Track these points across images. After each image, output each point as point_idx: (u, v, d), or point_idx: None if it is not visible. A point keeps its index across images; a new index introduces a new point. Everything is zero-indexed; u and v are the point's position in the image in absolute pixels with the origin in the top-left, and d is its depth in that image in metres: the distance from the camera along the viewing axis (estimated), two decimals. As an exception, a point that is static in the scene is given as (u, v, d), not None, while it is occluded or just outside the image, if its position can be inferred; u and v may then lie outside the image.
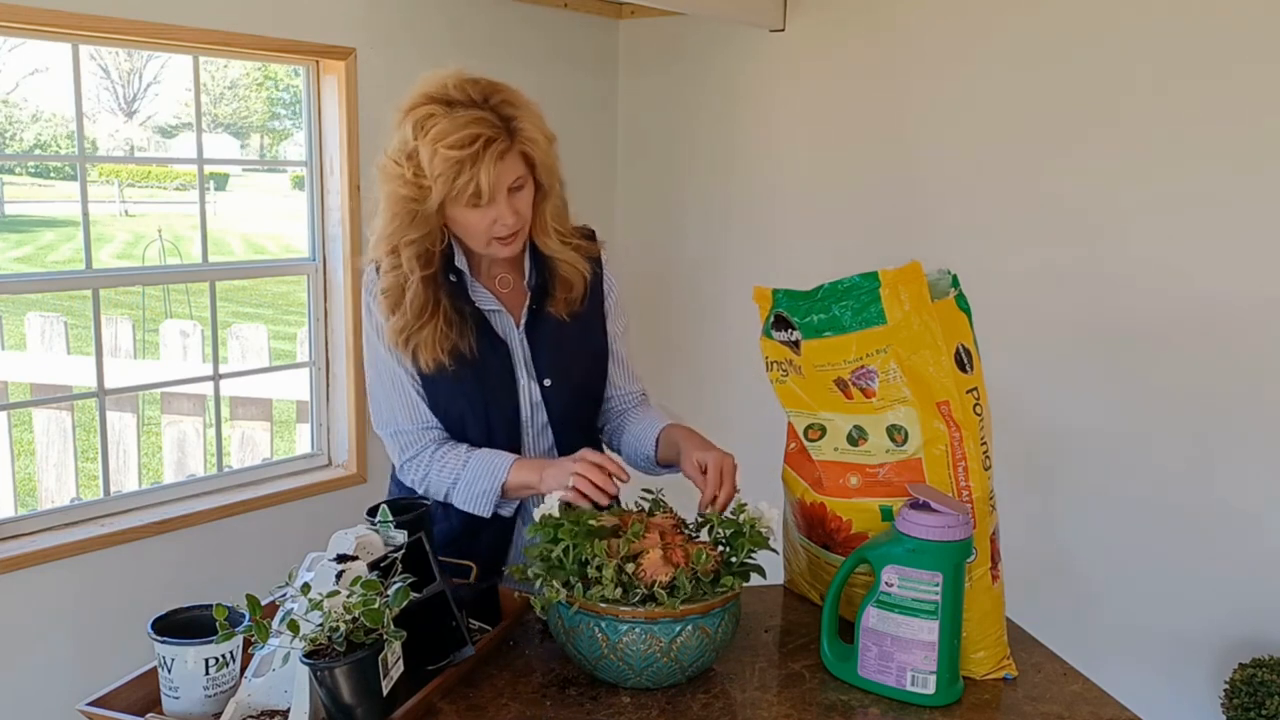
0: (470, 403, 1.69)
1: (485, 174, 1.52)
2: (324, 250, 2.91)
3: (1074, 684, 1.47)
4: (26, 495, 5.55)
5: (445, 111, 1.54)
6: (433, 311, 1.63)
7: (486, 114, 1.55)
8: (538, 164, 1.61)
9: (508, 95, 1.59)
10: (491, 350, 1.68)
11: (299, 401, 4.78)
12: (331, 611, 1.25)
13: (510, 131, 1.56)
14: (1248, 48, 2.55)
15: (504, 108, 1.57)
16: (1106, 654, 2.58)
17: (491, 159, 1.53)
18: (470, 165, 1.52)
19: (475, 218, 1.58)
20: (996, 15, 2.90)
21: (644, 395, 1.89)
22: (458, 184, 1.53)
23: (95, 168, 12.30)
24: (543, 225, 1.67)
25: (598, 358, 1.80)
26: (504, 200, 1.57)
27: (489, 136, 1.53)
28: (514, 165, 1.57)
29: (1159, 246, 2.71)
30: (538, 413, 1.73)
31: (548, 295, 1.71)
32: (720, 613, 1.41)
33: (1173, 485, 2.74)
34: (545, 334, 1.71)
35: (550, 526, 1.44)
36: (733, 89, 3.43)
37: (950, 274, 1.55)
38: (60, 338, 5.30)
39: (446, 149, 1.52)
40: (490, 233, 1.60)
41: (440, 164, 1.52)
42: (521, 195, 1.60)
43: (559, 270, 1.70)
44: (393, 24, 2.91)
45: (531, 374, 1.71)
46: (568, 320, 1.72)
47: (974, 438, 1.47)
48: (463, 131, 1.52)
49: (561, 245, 1.70)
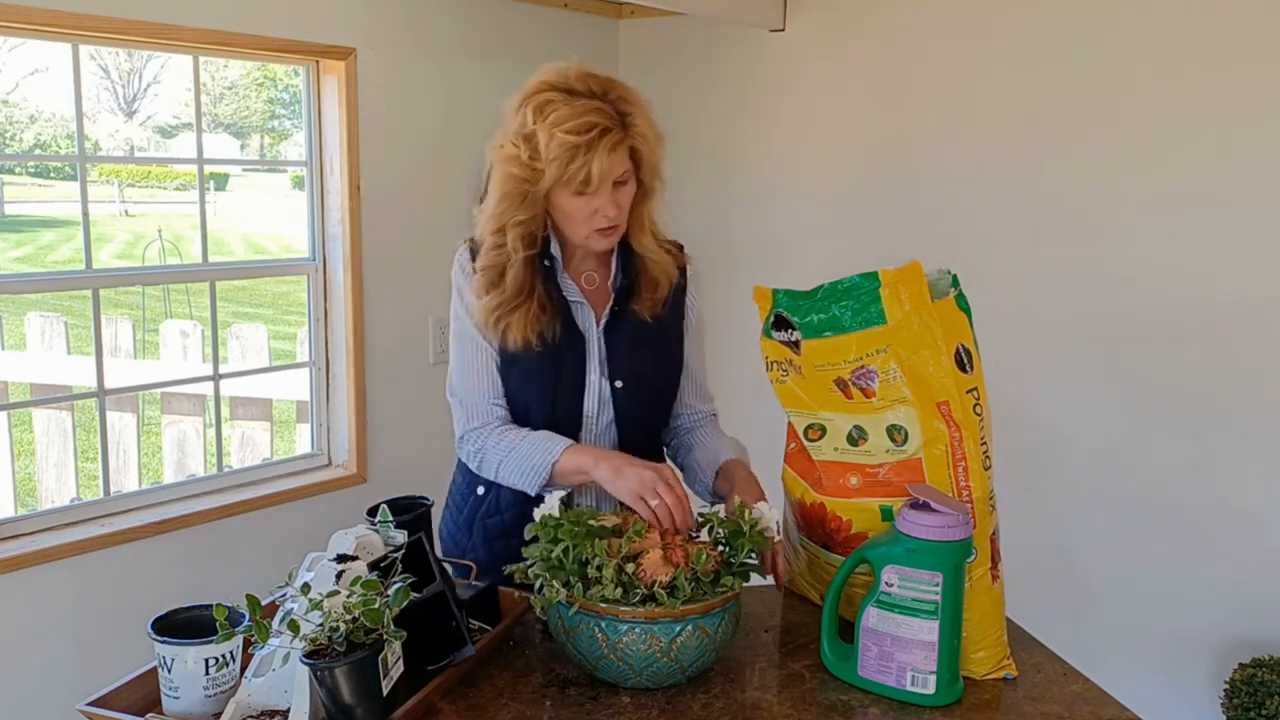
0: (539, 391, 1.72)
1: (598, 162, 1.58)
2: (324, 250, 2.91)
3: (1074, 684, 1.47)
4: (26, 495, 5.55)
5: (565, 99, 1.60)
6: (529, 293, 1.69)
7: (604, 105, 1.60)
8: (644, 162, 1.66)
9: (624, 92, 1.64)
10: (569, 342, 1.72)
11: (299, 401, 4.78)
12: (331, 611, 1.25)
13: (624, 125, 1.61)
14: (1248, 47, 2.55)
15: (620, 103, 1.62)
16: (1106, 654, 2.58)
17: (605, 149, 1.58)
18: (585, 152, 1.57)
19: (579, 205, 1.63)
20: (996, 15, 2.90)
21: (714, 415, 1.91)
22: (570, 169, 1.58)
23: (95, 168, 12.29)
24: (640, 224, 1.73)
25: (672, 367, 1.83)
26: (608, 192, 1.62)
27: (605, 126, 1.58)
28: (622, 159, 1.62)
29: (1159, 246, 2.71)
30: (604, 410, 1.75)
31: (633, 295, 1.74)
32: (720, 613, 1.41)
33: (1173, 485, 2.74)
34: (624, 335, 1.74)
35: (550, 527, 1.44)
36: (733, 89, 3.43)
37: (950, 274, 1.55)
38: (60, 338, 5.30)
39: (564, 133, 1.57)
40: (591, 223, 1.65)
41: (556, 148, 1.58)
42: (624, 190, 1.65)
43: (648, 269, 1.75)
44: (393, 24, 2.91)
45: (604, 372, 1.74)
46: (649, 322, 1.75)
47: (974, 438, 1.47)
48: (581, 119, 1.57)
49: (655, 246, 1.75)
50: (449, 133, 3.10)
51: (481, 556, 1.78)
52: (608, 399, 1.74)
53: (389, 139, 2.93)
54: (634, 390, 1.75)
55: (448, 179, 3.12)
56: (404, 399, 3.05)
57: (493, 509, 1.79)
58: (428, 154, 3.05)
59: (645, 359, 1.76)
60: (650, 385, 1.78)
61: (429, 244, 3.09)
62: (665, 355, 1.81)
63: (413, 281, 3.05)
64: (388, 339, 3.00)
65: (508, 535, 1.76)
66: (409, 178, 3.01)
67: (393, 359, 3.02)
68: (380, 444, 3.01)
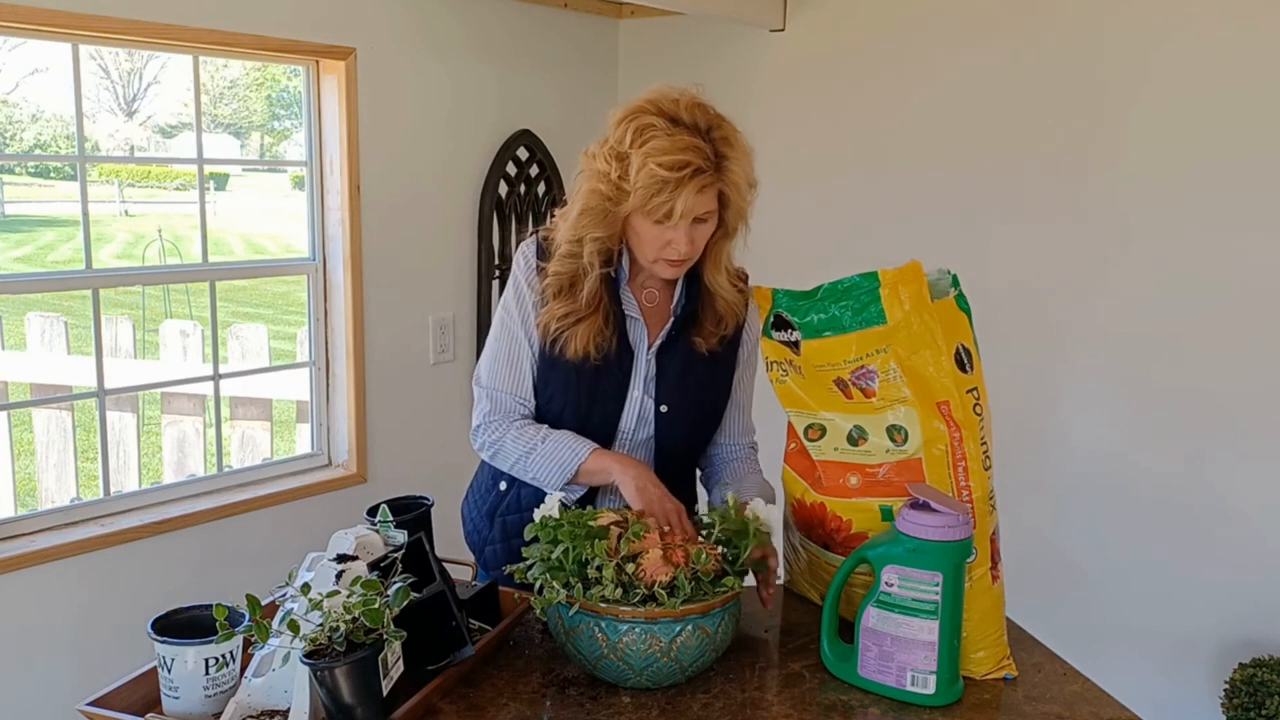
0: (577, 399, 1.72)
1: (682, 200, 1.56)
2: (324, 250, 2.91)
3: (1074, 684, 1.47)
4: (26, 495, 5.55)
5: (667, 128, 1.57)
6: (598, 307, 1.68)
7: (704, 144, 1.58)
8: (730, 205, 1.65)
9: (728, 133, 1.62)
10: (617, 356, 1.71)
11: (299, 401, 4.78)
12: (331, 611, 1.25)
13: (719, 169, 1.60)
14: (1249, 46, 2.55)
15: (721, 144, 1.60)
16: (1106, 654, 2.58)
17: (693, 189, 1.56)
18: (673, 188, 1.55)
19: (655, 233, 1.62)
20: (996, 15, 2.90)
21: (753, 449, 1.89)
22: (654, 201, 1.56)
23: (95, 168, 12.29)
24: (716, 263, 1.71)
25: (720, 398, 1.81)
26: (686, 227, 1.60)
27: (698, 166, 1.56)
28: (709, 199, 1.61)
29: (1159, 246, 2.71)
30: (641, 428, 1.74)
31: (694, 324, 1.73)
32: (720, 613, 1.41)
33: (1173, 485, 2.74)
34: (677, 360, 1.73)
35: (550, 528, 1.44)
36: (733, 89, 3.42)
37: (950, 274, 1.55)
38: (60, 338, 5.29)
39: (656, 165, 1.55)
40: (661, 253, 1.64)
41: (645, 177, 1.56)
42: (703, 228, 1.64)
43: (715, 305, 1.73)
44: (393, 24, 2.91)
45: (650, 393, 1.73)
46: (704, 355, 1.73)
47: (974, 438, 1.47)
48: (677, 155, 1.55)
49: (727, 284, 1.74)
50: (449, 132, 3.10)
51: (500, 550, 1.80)
52: (649, 418, 1.74)
53: (389, 139, 2.93)
54: (678, 416, 1.74)
55: (448, 179, 3.12)
56: (404, 399, 3.05)
57: (513, 506, 1.79)
58: (428, 154, 3.05)
59: (694, 387, 1.75)
60: (695, 414, 1.77)
61: (429, 244, 3.09)
62: (715, 386, 1.79)
63: (413, 281, 3.05)
64: (388, 339, 3.00)
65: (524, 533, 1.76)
66: (409, 178, 3.01)
67: (393, 359, 3.02)
68: (380, 444, 3.01)
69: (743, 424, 1.86)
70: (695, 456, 1.86)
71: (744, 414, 1.86)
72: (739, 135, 1.64)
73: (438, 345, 3.14)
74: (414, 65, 2.98)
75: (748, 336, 1.80)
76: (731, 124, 1.64)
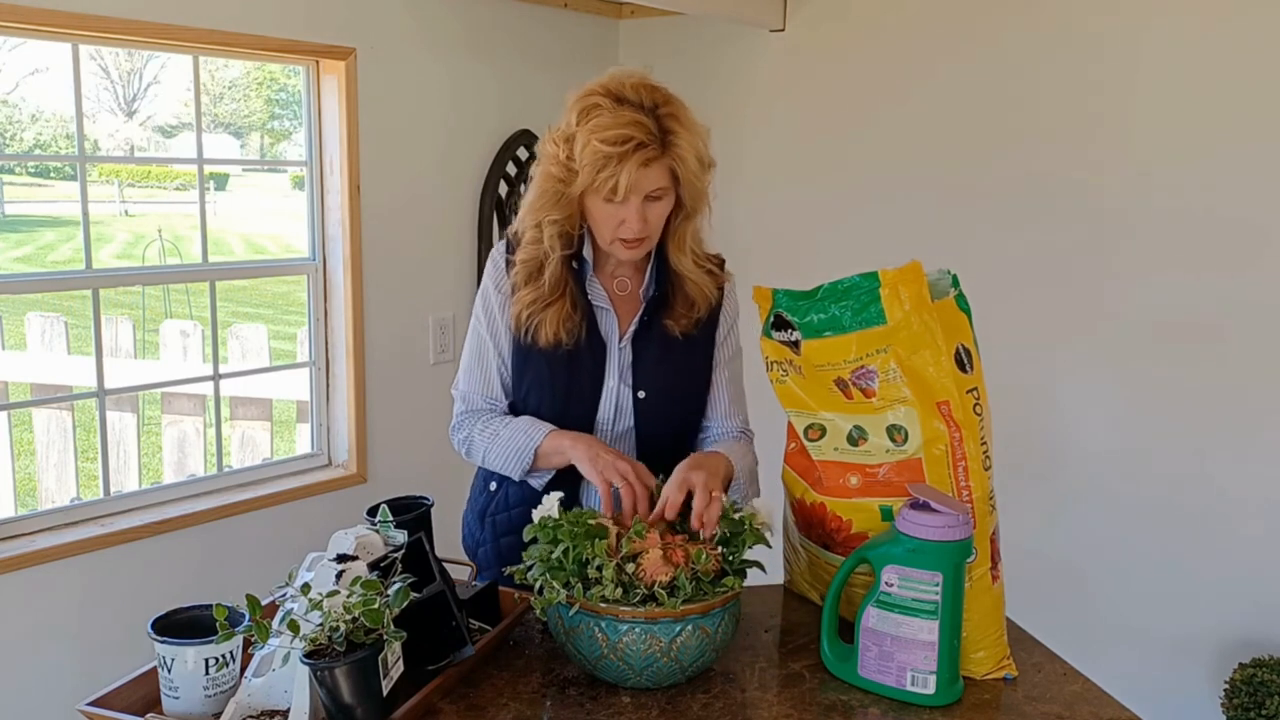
0: (552, 393, 1.73)
1: (625, 175, 1.57)
2: (324, 250, 2.91)
3: (1074, 684, 1.47)
4: (26, 495, 5.55)
5: (612, 107, 1.59)
6: (564, 291, 1.70)
7: (647, 120, 1.58)
8: (684, 184, 1.64)
9: (676, 110, 1.62)
10: (589, 347, 1.72)
11: (299, 401, 4.78)
12: (331, 611, 1.25)
13: (664, 144, 1.60)
14: (1250, 45, 2.55)
15: (668, 120, 1.60)
16: (1106, 654, 2.58)
17: (636, 162, 1.57)
18: (616, 163, 1.57)
19: (608, 212, 1.63)
20: (996, 14, 2.90)
21: (743, 434, 1.87)
22: (599, 177, 1.58)
23: (95, 168, 12.29)
24: (679, 243, 1.72)
25: (699, 383, 1.81)
26: (637, 205, 1.61)
27: (640, 141, 1.57)
28: (657, 175, 1.61)
29: (1160, 245, 2.71)
30: (621, 418, 1.75)
31: (666, 308, 1.73)
32: (720, 613, 1.41)
33: (1173, 485, 2.74)
34: (653, 346, 1.74)
35: (549, 528, 1.44)
36: (733, 89, 3.43)
37: (950, 274, 1.55)
38: (60, 338, 5.29)
39: (599, 141, 1.57)
40: (616, 233, 1.65)
41: (589, 154, 1.58)
42: (657, 206, 1.64)
43: (684, 287, 1.74)
44: (393, 24, 2.91)
45: (627, 380, 1.74)
46: (679, 338, 1.74)
47: (974, 438, 1.47)
48: (618, 130, 1.57)
49: (694, 266, 1.74)
50: (449, 132, 3.10)
51: (490, 551, 1.81)
52: (627, 407, 1.74)
53: (389, 139, 2.93)
54: (657, 402, 1.75)
55: (448, 179, 3.12)
56: (404, 399, 3.05)
57: (501, 505, 1.81)
58: (428, 154, 3.05)
59: (672, 372, 1.76)
60: (674, 398, 1.78)
61: (429, 244, 3.09)
62: (693, 369, 1.80)
63: (413, 282, 3.05)
64: (388, 339, 3.00)
65: (514, 532, 1.77)
66: (409, 177, 3.01)
67: (393, 359, 3.02)
68: (380, 444, 3.01)
69: (727, 408, 1.84)
70: (681, 449, 1.83)
71: (726, 399, 1.84)
72: (688, 113, 1.64)
73: (438, 345, 3.14)
74: (414, 65, 2.98)
75: (724, 317, 1.80)
76: (682, 104, 1.64)
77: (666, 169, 1.61)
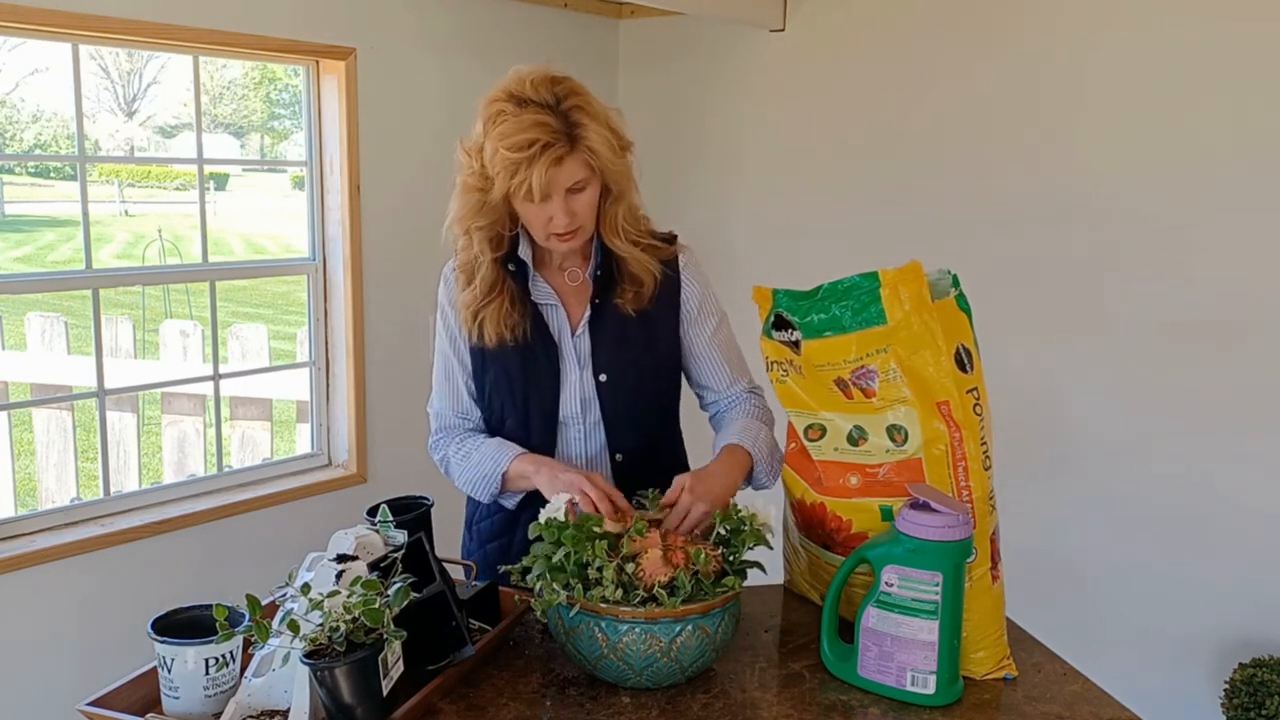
0: (511, 394, 1.73)
1: (537, 177, 1.57)
2: (324, 250, 2.91)
3: (1074, 684, 1.47)
4: (26, 495, 5.55)
5: (515, 111, 1.58)
6: (500, 291, 1.70)
7: (551, 118, 1.57)
8: (605, 171, 1.64)
9: (582, 101, 1.61)
10: (541, 344, 1.72)
11: (299, 401, 4.78)
12: (331, 611, 1.25)
13: (572, 139, 1.59)
14: (1250, 46, 2.55)
15: (574, 113, 1.59)
16: (1106, 654, 2.58)
17: (545, 163, 1.56)
18: (526, 167, 1.56)
19: (534, 212, 1.63)
20: (996, 13, 2.90)
21: (749, 393, 1.84)
22: (513, 182, 1.58)
23: (95, 168, 12.28)
24: (612, 226, 1.71)
25: (662, 360, 1.79)
26: (560, 200, 1.61)
27: (546, 142, 1.56)
28: (572, 169, 1.60)
29: (1161, 245, 2.71)
30: (589, 409, 1.74)
31: (614, 287, 1.73)
32: (720, 613, 1.41)
33: (1173, 485, 2.74)
34: (607, 328, 1.73)
35: (554, 529, 1.44)
36: (733, 89, 3.43)
37: (950, 274, 1.55)
38: (60, 338, 5.29)
39: (506, 150, 1.57)
40: (548, 229, 1.65)
41: (499, 162, 1.58)
42: (581, 197, 1.64)
43: (629, 267, 1.73)
44: (393, 24, 2.91)
45: (587, 367, 1.73)
46: (634, 316, 1.73)
47: (974, 438, 1.47)
48: (522, 135, 1.56)
49: (630, 245, 1.72)
50: (449, 133, 3.05)
51: (477, 558, 1.81)
52: (592, 396, 1.73)
53: (389, 139, 2.93)
54: (618, 384, 1.73)
55: (447, 179, 3.09)
56: (404, 399, 3.05)
57: (484, 513, 1.82)
58: (427, 154, 3.05)
59: (631, 353, 1.74)
60: (634, 379, 1.75)
61: (429, 244, 3.06)
62: (653, 349, 1.77)
63: (413, 282, 3.05)
64: (388, 339, 3.00)
65: (496, 538, 1.80)
66: (409, 178, 3.01)
67: (393, 359, 3.02)
68: (380, 444, 3.01)
69: (723, 374, 1.82)
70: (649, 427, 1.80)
71: (719, 363, 1.82)
72: (594, 101, 1.63)
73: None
74: (414, 65, 2.98)
75: (688, 292, 1.78)
76: (587, 93, 1.63)
77: (581, 162, 1.60)
